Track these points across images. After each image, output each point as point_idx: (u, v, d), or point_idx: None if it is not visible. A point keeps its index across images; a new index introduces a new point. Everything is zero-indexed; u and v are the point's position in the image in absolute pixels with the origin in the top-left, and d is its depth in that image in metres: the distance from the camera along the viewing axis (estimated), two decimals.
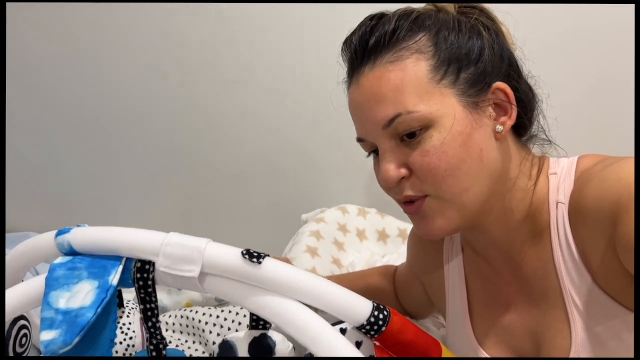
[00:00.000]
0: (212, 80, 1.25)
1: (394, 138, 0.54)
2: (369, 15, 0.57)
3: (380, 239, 1.09)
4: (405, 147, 0.53)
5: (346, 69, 0.59)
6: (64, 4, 1.25)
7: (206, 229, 1.33)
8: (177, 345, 0.96)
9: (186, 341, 0.98)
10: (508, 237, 0.58)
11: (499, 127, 0.55)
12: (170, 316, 0.99)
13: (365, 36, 0.55)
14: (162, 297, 1.06)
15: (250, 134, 1.27)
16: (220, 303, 1.04)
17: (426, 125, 0.52)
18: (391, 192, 0.56)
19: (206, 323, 0.95)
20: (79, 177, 1.38)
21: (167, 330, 0.98)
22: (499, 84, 0.55)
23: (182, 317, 0.98)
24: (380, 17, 0.56)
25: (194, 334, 0.97)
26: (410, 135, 0.53)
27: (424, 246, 0.74)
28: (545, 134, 0.60)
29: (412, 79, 0.52)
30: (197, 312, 0.97)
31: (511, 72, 0.57)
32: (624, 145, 1.10)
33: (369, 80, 0.54)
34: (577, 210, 0.53)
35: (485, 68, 0.55)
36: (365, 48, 0.55)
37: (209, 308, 0.98)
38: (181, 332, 0.98)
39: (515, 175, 0.57)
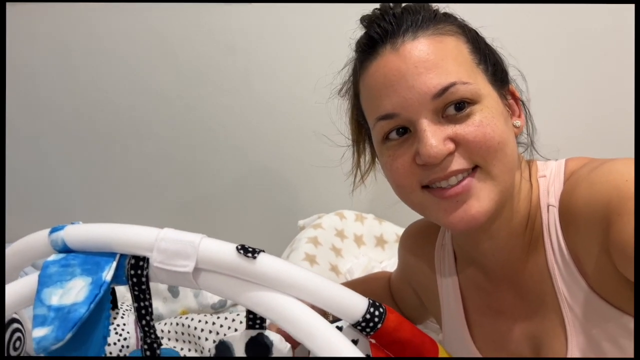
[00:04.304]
0: (210, 88, 1.26)
1: (437, 112, 0.51)
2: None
3: (378, 244, 1.09)
4: (449, 122, 0.51)
5: (363, 44, 0.56)
6: (59, 12, 1.26)
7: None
8: None
9: (182, 349, 0.96)
10: (510, 242, 0.57)
11: (517, 122, 0.56)
12: (165, 324, 0.98)
13: (400, 8, 0.54)
14: (158, 305, 1.05)
15: (247, 140, 1.27)
16: (216, 310, 1.03)
17: (475, 100, 0.51)
18: (433, 171, 0.51)
19: (202, 330, 0.94)
20: (74, 186, 1.38)
21: (162, 338, 0.97)
22: (511, 86, 0.57)
23: (177, 324, 0.97)
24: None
25: (189, 342, 0.96)
26: (459, 107, 0.50)
27: (414, 255, 0.73)
28: (531, 139, 0.60)
29: (459, 53, 0.52)
30: (192, 319, 0.96)
31: (513, 81, 0.59)
32: (614, 148, 1.11)
33: (414, 48, 0.51)
34: (568, 214, 0.53)
35: (501, 68, 0.57)
36: (403, 19, 0.52)
37: (205, 315, 0.97)
38: (177, 340, 0.97)
39: (519, 176, 0.57)
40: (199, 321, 0.95)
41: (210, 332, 0.93)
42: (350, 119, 0.64)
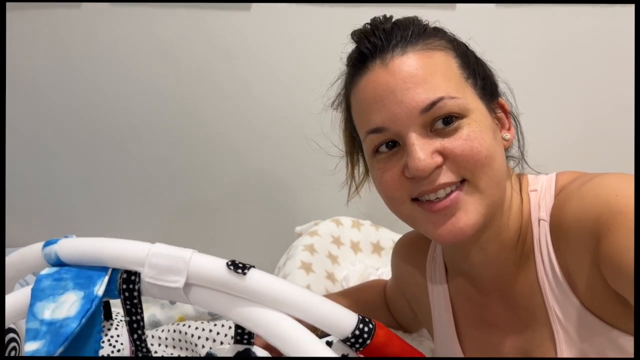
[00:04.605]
0: (207, 94, 1.26)
1: (425, 127, 0.51)
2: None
3: (374, 251, 1.09)
4: (437, 136, 0.51)
5: (354, 59, 0.56)
6: (60, 16, 1.26)
7: (200, 242, 1.33)
8: None
9: (179, 355, 0.97)
10: (501, 255, 0.58)
11: (507, 135, 0.57)
12: (163, 330, 0.98)
13: (390, 23, 0.55)
14: (156, 311, 1.06)
15: (245, 146, 1.28)
16: (213, 317, 1.03)
17: (462, 115, 0.51)
18: (421, 184, 0.52)
19: (199, 337, 0.94)
20: (74, 189, 1.39)
21: (159, 344, 0.97)
22: (500, 99, 0.58)
23: (174, 331, 0.97)
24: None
25: (186, 348, 0.96)
26: (447, 122, 0.51)
27: (406, 268, 0.74)
28: (521, 152, 0.61)
29: (447, 68, 0.53)
30: (189, 326, 0.96)
31: (503, 94, 0.60)
32: (608, 156, 1.11)
33: (403, 63, 0.51)
34: (558, 229, 0.53)
35: (490, 81, 0.57)
36: (393, 34, 0.53)
37: (202, 322, 0.97)
38: (174, 347, 0.98)
39: (510, 190, 0.57)
40: (196, 328, 0.96)
41: (207, 339, 0.94)
42: (344, 131, 0.64)
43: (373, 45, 0.53)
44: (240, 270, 0.44)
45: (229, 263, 0.45)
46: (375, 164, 0.55)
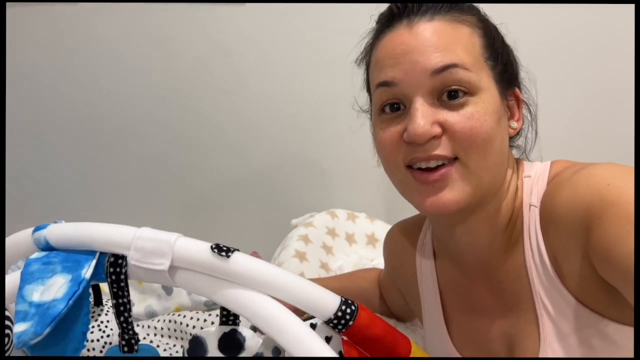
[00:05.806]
0: (203, 88, 1.27)
1: (433, 94, 0.52)
2: None
3: (369, 243, 1.09)
4: (442, 107, 0.52)
5: (384, 16, 0.58)
6: (60, 11, 1.27)
7: (197, 233, 1.33)
8: (164, 350, 0.96)
9: (174, 345, 0.98)
10: (489, 239, 0.58)
11: (514, 124, 0.57)
12: (159, 321, 0.99)
13: None
14: (152, 302, 1.07)
15: (242, 140, 1.29)
16: (209, 308, 1.04)
17: (471, 91, 0.52)
18: (415, 150, 0.53)
19: (193, 327, 0.95)
20: (72, 186, 1.40)
21: (155, 334, 0.98)
22: (516, 90, 0.58)
23: (170, 321, 0.98)
24: None
25: (181, 338, 0.97)
26: (453, 95, 0.52)
27: (397, 256, 0.74)
28: (525, 148, 0.62)
29: (469, 44, 0.53)
30: (184, 316, 0.97)
31: (521, 85, 0.60)
32: (604, 152, 1.11)
33: (427, 29, 0.53)
34: (548, 216, 0.53)
35: (511, 69, 0.58)
36: (425, 2, 0.54)
37: (197, 312, 0.98)
38: (169, 337, 0.99)
39: (509, 176, 0.58)
40: (191, 318, 0.97)
41: (202, 328, 0.95)
42: (366, 91, 0.64)
43: (404, 6, 0.55)
44: (224, 253, 0.45)
45: (213, 246, 0.46)
46: (378, 123, 0.57)
